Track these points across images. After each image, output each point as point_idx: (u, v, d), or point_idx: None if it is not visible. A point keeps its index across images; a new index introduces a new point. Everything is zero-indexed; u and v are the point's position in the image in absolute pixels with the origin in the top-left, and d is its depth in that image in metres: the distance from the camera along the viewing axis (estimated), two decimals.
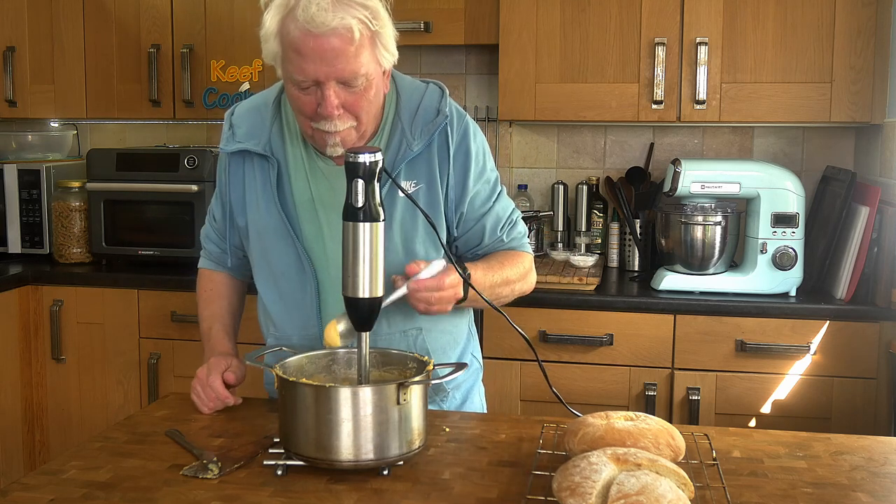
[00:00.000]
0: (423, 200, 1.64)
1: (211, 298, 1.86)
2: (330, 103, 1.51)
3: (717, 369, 2.64)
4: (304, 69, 1.49)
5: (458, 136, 1.67)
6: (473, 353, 1.86)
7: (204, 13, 3.17)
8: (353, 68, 1.49)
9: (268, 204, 1.67)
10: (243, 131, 1.69)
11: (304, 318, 1.69)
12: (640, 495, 1.12)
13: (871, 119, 2.75)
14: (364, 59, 1.50)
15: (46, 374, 3.10)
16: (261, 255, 1.72)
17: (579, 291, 2.73)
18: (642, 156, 3.25)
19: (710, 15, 2.80)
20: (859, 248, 2.64)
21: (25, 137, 3.61)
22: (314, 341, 1.67)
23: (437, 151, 1.66)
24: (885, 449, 1.50)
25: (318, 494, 1.30)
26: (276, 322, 1.74)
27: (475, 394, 1.87)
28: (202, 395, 1.65)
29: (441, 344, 1.75)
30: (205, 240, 1.89)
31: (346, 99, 1.53)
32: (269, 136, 1.67)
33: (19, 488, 1.32)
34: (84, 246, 3.21)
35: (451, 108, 1.68)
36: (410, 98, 1.67)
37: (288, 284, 1.69)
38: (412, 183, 1.64)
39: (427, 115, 1.65)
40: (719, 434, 1.55)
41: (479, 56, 3.35)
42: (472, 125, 1.71)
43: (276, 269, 1.69)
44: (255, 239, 1.71)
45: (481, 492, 1.31)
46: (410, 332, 1.70)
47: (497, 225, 1.75)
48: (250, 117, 1.71)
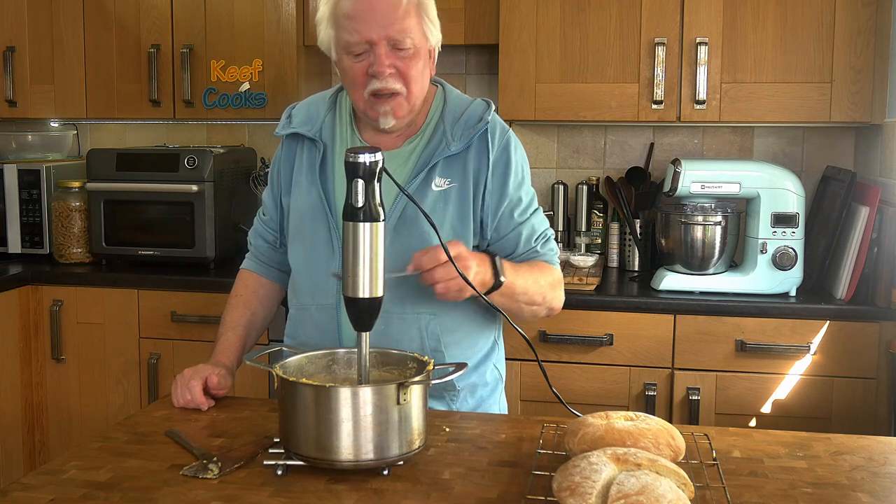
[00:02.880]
0: (453, 199, 1.72)
1: (237, 305, 1.89)
2: (381, 61, 1.63)
3: (717, 369, 2.64)
4: (357, 30, 1.63)
5: (499, 146, 1.75)
6: (496, 364, 1.87)
7: (204, 13, 3.17)
8: (403, 27, 1.63)
9: (310, 183, 1.77)
10: (299, 120, 1.82)
11: (326, 289, 1.74)
12: (640, 495, 1.12)
13: (871, 119, 2.75)
14: (411, 24, 1.65)
15: (46, 374, 3.10)
16: (297, 229, 1.80)
17: (579, 291, 2.73)
18: (642, 156, 3.25)
19: (710, 15, 2.80)
20: (859, 248, 2.64)
21: (25, 137, 3.61)
22: (331, 312, 1.73)
23: (475, 156, 1.74)
24: (885, 449, 1.49)
25: (318, 494, 1.30)
26: (298, 290, 1.80)
27: (493, 403, 1.86)
28: (178, 392, 1.69)
29: (456, 338, 1.75)
30: (253, 237, 1.96)
31: (396, 62, 1.65)
32: (322, 124, 1.80)
33: (19, 488, 1.32)
34: (84, 246, 3.21)
35: (495, 119, 1.78)
36: (456, 105, 1.79)
37: (316, 256, 1.76)
38: (447, 181, 1.72)
39: (469, 121, 1.75)
40: (719, 434, 1.55)
41: (479, 56, 3.35)
42: (514, 139, 1.80)
43: (307, 241, 1.77)
44: (295, 215, 1.80)
45: (481, 492, 1.31)
46: (423, 316, 1.71)
47: (532, 236, 1.79)
48: (307, 108, 1.84)
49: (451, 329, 1.75)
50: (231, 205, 3.20)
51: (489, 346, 1.84)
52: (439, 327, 1.73)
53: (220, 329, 1.86)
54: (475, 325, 1.79)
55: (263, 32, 3.13)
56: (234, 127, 3.53)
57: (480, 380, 1.82)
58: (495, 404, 1.87)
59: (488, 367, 1.84)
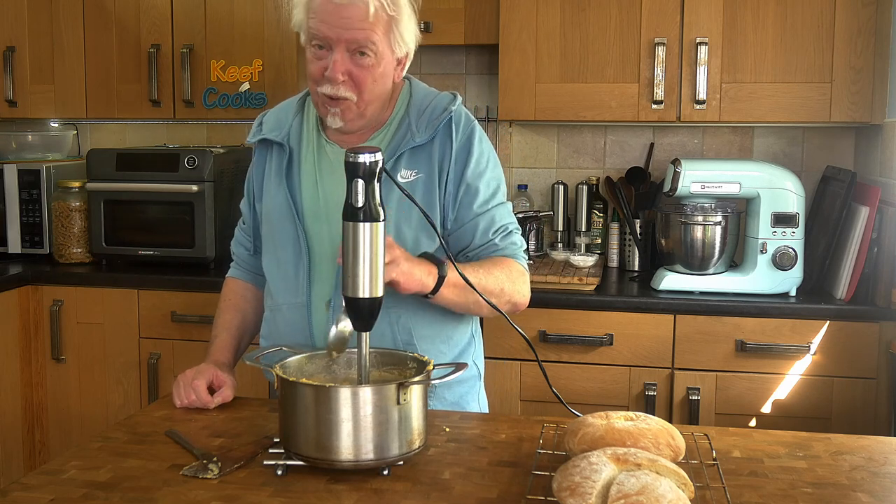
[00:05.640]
0: (420, 190, 1.72)
1: (226, 308, 1.92)
2: (336, 67, 1.64)
3: (717, 369, 2.64)
4: (319, 29, 1.64)
5: (462, 136, 1.75)
6: (475, 360, 1.86)
7: (204, 13, 3.17)
8: (365, 36, 1.63)
9: (277, 186, 1.79)
10: (269, 126, 1.84)
11: (296, 287, 1.76)
12: (640, 495, 1.12)
13: (871, 119, 2.75)
14: (376, 37, 1.64)
15: (46, 374, 3.10)
16: (268, 232, 1.82)
17: (579, 291, 2.73)
18: (642, 156, 3.25)
19: (710, 15, 2.80)
20: (859, 248, 2.64)
21: (25, 137, 3.61)
22: (302, 311, 1.74)
23: (440, 146, 1.74)
24: (885, 449, 1.49)
25: (318, 494, 1.30)
26: (272, 292, 1.82)
27: (471, 400, 1.85)
28: (181, 392, 1.69)
29: (429, 332, 1.75)
30: (234, 246, 1.98)
31: (352, 69, 1.65)
32: (289, 129, 1.81)
33: (19, 488, 1.32)
34: (84, 246, 3.21)
35: (460, 110, 1.78)
36: (423, 99, 1.79)
37: (286, 256, 1.78)
38: (413, 172, 1.72)
39: (434, 112, 1.75)
40: (719, 434, 1.55)
41: (479, 56, 3.35)
42: (479, 130, 1.79)
43: (278, 242, 1.79)
44: (266, 218, 1.83)
45: (481, 492, 1.31)
46: (393, 312, 1.70)
47: (490, 227, 1.75)
48: (277, 114, 1.87)
49: (423, 323, 1.74)
50: (231, 205, 3.19)
51: (465, 340, 1.83)
52: (411, 321, 1.73)
53: (214, 331, 1.87)
54: (451, 319, 1.78)
55: (263, 32, 3.13)
56: (234, 127, 3.53)
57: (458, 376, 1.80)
58: (474, 401, 1.86)
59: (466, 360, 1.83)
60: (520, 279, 1.76)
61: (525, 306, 1.79)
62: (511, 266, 1.75)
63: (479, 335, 1.90)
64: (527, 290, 1.79)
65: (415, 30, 1.72)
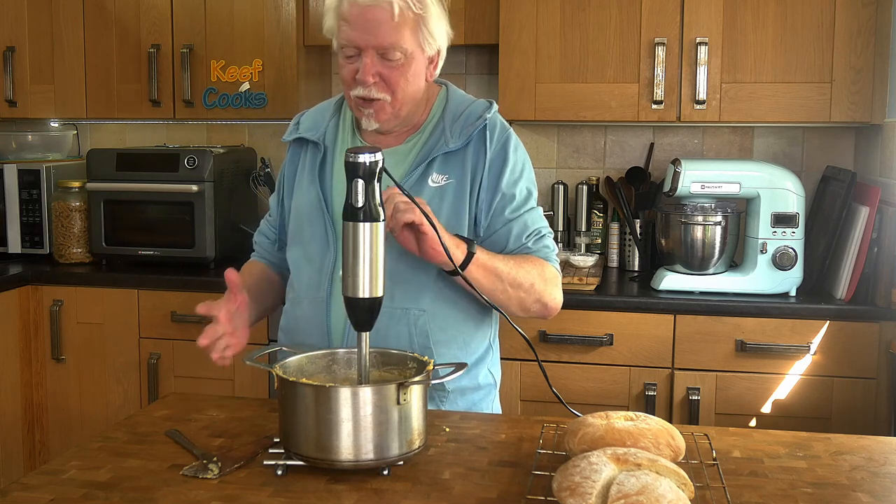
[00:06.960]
0: (450, 195, 1.73)
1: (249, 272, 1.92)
2: (366, 70, 1.66)
3: (717, 369, 2.64)
4: (348, 36, 1.67)
5: (497, 144, 1.77)
6: (490, 369, 1.86)
7: (204, 13, 3.17)
8: (391, 41, 1.65)
9: (310, 183, 1.81)
10: (305, 126, 1.87)
11: (319, 283, 1.76)
12: (640, 495, 1.12)
13: (871, 119, 2.75)
14: (404, 36, 1.66)
15: (46, 374, 3.10)
16: (296, 227, 1.83)
17: (579, 291, 2.73)
18: (642, 156, 3.25)
19: (710, 15, 2.80)
20: (859, 248, 2.64)
21: (25, 137, 3.61)
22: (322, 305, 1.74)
23: (473, 153, 1.75)
24: (885, 449, 1.50)
25: (318, 494, 1.30)
26: (295, 285, 1.82)
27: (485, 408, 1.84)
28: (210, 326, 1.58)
29: (447, 337, 1.74)
30: (257, 236, 2.00)
31: (383, 70, 1.68)
32: (326, 129, 1.84)
33: (19, 488, 1.32)
34: (84, 246, 3.21)
35: (495, 118, 1.80)
36: (458, 105, 1.81)
37: (312, 251, 1.79)
38: (444, 177, 1.74)
39: (469, 118, 1.77)
40: (719, 434, 1.55)
41: (479, 56, 3.35)
42: (514, 138, 1.80)
43: (306, 237, 1.80)
44: (295, 214, 1.84)
45: (481, 492, 1.31)
46: (412, 312, 1.71)
47: (523, 232, 1.77)
48: (314, 115, 1.90)
49: (442, 327, 1.74)
50: (231, 205, 3.20)
51: (483, 348, 1.82)
52: (429, 324, 1.72)
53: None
54: (469, 326, 1.78)
55: (263, 32, 3.13)
56: (234, 127, 3.53)
57: (472, 383, 1.80)
58: (487, 409, 1.85)
59: (482, 370, 1.82)
60: (552, 280, 1.77)
61: (556, 312, 1.79)
62: (544, 266, 1.76)
63: (497, 345, 1.89)
64: (559, 294, 1.79)
65: (445, 27, 1.75)
